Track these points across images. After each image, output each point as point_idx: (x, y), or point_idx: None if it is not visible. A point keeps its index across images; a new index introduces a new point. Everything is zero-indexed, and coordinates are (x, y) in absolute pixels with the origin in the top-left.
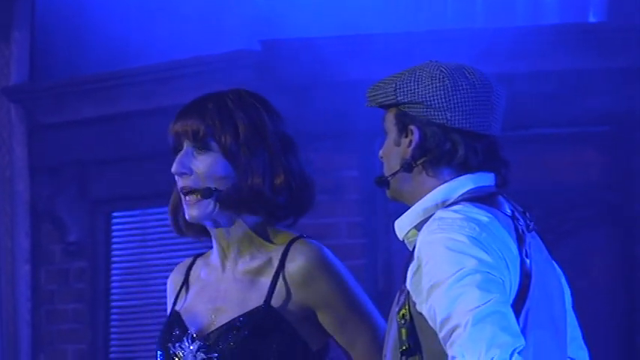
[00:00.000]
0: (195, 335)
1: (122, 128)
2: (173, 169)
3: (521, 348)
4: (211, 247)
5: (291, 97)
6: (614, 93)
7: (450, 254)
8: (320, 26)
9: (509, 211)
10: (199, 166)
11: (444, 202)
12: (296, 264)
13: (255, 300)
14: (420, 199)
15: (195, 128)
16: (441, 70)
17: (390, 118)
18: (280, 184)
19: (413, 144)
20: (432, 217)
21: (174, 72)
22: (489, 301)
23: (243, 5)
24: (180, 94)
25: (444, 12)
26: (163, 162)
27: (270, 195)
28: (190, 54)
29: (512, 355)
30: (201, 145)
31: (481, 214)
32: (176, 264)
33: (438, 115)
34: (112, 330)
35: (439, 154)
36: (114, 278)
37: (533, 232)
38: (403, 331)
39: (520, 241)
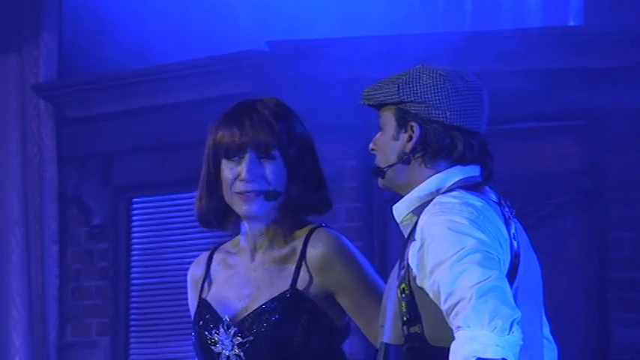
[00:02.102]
0: (230, 321)
1: (142, 121)
2: (245, 175)
3: (518, 319)
4: (227, 236)
5: (295, 94)
6: (590, 90)
7: (452, 234)
8: (320, 28)
9: (494, 198)
10: (267, 172)
11: (437, 190)
12: (316, 251)
13: (283, 285)
14: (415, 187)
15: (264, 140)
16: (440, 74)
17: (387, 116)
18: (324, 193)
19: (414, 139)
20: (433, 202)
21: (188, 70)
22: (489, 277)
23: (251, 9)
24: (193, 90)
25: (435, 15)
26: (179, 152)
27: (319, 198)
28: (203, 54)
29: (512, 325)
30: (268, 154)
31: (475, 200)
32: (190, 244)
33: (438, 113)
34: (132, 305)
35: (438, 148)
36: (134, 258)
37: (515, 218)
38: (403, 303)
39: (507, 224)
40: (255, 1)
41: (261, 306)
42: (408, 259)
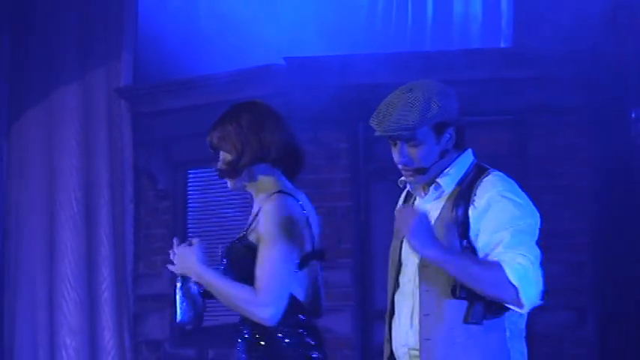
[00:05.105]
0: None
1: (193, 115)
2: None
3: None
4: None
5: (303, 96)
6: (517, 94)
7: (514, 210)
8: (322, 46)
9: None
10: (222, 158)
11: (470, 165)
12: (264, 207)
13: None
14: (445, 167)
15: (214, 141)
16: (443, 86)
17: (425, 132)
18: (265, 156)
19: (454, 138)
20: (493, 180)
21: (226, 78)
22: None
23: (271, 31)
24: (230, 92)
25: (405, 39)
26: None
27: (263, 154)
28: (235, 67)
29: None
30: (221, 148)
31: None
32: (229, 203)
33: (457, 114)
34: None
35: (463, 136)
36: (189, 213)
37: None
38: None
39: None
40: (274, 28)
41: (230, 243)
42: (468, 217)
